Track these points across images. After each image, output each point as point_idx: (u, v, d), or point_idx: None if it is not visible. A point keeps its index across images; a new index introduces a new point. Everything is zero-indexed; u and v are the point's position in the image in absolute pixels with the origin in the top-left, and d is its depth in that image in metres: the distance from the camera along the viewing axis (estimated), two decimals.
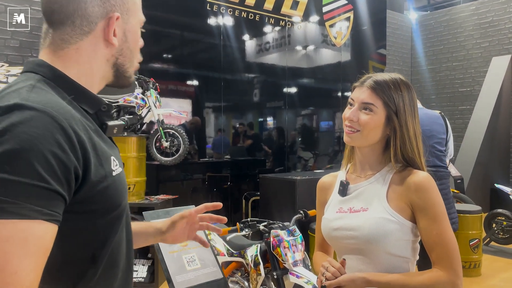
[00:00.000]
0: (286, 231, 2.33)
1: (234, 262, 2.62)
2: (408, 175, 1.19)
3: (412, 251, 1.20)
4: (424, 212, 1.15)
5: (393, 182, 1.21)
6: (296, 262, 2.26)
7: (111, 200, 0.78)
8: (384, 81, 1.20)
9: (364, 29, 7.00)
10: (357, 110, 1.21)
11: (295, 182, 3.65)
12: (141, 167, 3.98)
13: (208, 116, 5.43)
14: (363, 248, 1.18)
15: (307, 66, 6.38)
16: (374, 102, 1.19)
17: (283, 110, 6.11)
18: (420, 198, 1.15)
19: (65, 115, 0.71)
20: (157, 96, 3.92)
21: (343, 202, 1.27)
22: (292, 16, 5.90)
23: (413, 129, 1.21)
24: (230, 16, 5.27)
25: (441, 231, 1.14)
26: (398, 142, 1.20)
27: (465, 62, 8.70)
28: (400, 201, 1.18)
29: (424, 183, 1.16)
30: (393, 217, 1.16)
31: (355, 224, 1.19)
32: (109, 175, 0.78)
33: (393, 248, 1.16)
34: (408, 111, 1.21)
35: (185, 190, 5.14)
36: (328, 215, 1.29)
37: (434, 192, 1.16)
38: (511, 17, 7.96)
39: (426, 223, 1.15)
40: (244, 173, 5.66)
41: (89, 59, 0.82)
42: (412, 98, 1.23)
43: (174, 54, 5.06)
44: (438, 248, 1.14)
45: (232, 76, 5.51)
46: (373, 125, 1.19)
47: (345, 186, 1.27)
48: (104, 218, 0.78)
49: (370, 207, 1.20)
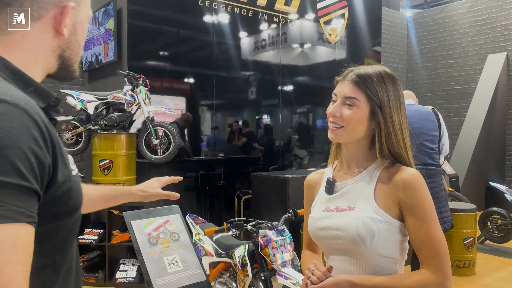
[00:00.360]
0: (275, 231, 2.27)
1: (222, 263, 2.55)
2: (395, 172, 1.15)
3: (400, 251, 1.16)
4: (412, 210, 1.11)
5: (381, 180, 1.16)
6: (285, 262, 2.20)
7: (73, 202, 0.74)
8: (366, 74, 1.16)
9: (360, 26, 6.94)
10: (340, 105, 1.17)
11: (286, 181, 3.59)
12: (131, 165, 3.91)
13: (202, 114, 5.36)
14: (349, 248, 1.14)
15: (302, 64, 6.31)
16: (357, 96, 1.15)
17: (278, 108, 6.05)
18: (407, 196, 1.11)
19: (34, 108, 0.66)
20: (146, 93, 3.86)
21: (329, 201, 1.23)
22: (286, 13, 5.83)
23: (399, 123, 1.16)
24: (223, 12, 5.19)
25: (429, 230, 1.10)
26: (383, 136, 1.15)
27: (461, 59, 8.66)
28: (387, 199, 1.14)
29: (412, 180, 1.11)
30: (380, 216, 1.12)
31: (342, 224, 1.15)
32: (71, 175, 0.74)
33: (381, 248, 1.12)
34: (393, 104, 1.16)
35: (177, 188, 5.05)
36: (314, 214, 1.25)
37: (423, 189, 1.12)
38: (506, 14, 7.92)
39: (413, 222, 1.10)
40: (237, 171, 5.59)
41: (35, 48, 0.76)
42: (398, 90, 1.19)
43: (168, 51, 4.99)
44: (426, 248, 1.10)
45: (227, 73, 5.44)
46: (357, 120, 1.15)
47: (331, 184, 1.23)
48: (67, 222, 0.74)
49: (356, 206, 1.16)
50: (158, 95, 4.75)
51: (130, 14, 4.40)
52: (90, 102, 3.89)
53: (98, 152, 3.84)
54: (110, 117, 3.83)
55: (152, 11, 4.64)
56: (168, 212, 1.78)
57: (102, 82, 4.87)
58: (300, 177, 3.72)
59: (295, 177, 3.65)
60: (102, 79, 4.89)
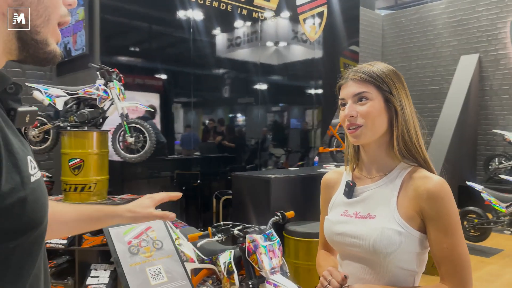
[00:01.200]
0: (263, 235, 2.13)
1: (205, 269, 2.39)
2: (420, 179, 1.07)
3: (419, 263, 1.08)
4: (435, 222, 1.03)
5: (404, 187, 1.08)
6: (274, 269, 2.07)
7: (30, 216, 0.56)
8: (367, 68, 1.13)
9: (338, 25, 6.89)
10: (353, 104, 1.10)
11: (269, 181, 3.46)
12: (103, 165, 3.68)
13: (177, 112, 5.17)
14: (367, 258, 1.08)
15: (279, 62, 6.20)
16: (367, 89, 1.09)
17: (254, 107, 5.92)
18: (432, 207, 1.03)
19: None
20: (121, 88, 3.63)
21: (348, 205, 1.15)
22: (265, 8, 5.70)
23: (409, 110, 1.11)
24: (200, 6, 5.00)
25: (453, 245, 1.02)
26: (400, 122, 1.09)
27: (435, 60, 8.79)
28: (410, 208, 1.05)
29: (437, 190, 1.03)
30: (402, 228, 1.04)
31: (361, 232, 1.08)
32: (27, 182, 0.55)
33: (400, 261, 1.05)
34: (400, 88, 1.11)
35: (152, 188, 4.86)
36: (331, 217, 1.19)
37: (448, 201, 1.03)
38: (479, 16, 8.08)
39: (436, 235, 1.03)
40: (214, 170, 5.43)
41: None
42: (401, 79, 1.14)
43: (141, 46, 4.77)
44: (447, 263, 1.03)
45: (203, 70, 5.26)
46: (375, 112, 1.08)
47: (351, 188, 1.15)
48: (20, 242, 0.55)
49: (377, 215, 1.08)
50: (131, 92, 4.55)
51: (103, 7, 4.16)
52: (59, 97, 3.63)
53: (67, 150, 3.59)
54: (81, 113, 3.59)
55: (125, 5, 4.41)
56: None
57: (72, 76, 4.59)
58: (283, 178, 3.60)
59: (278, 177, 3.52)
60: (72, 72, 4.61)
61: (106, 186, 3.73)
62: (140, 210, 1.13)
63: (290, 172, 3.94)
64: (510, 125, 7.72)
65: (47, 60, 0.63)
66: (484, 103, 8.07)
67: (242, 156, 5.86)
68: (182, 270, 1.51)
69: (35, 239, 0.58)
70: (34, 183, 0.57)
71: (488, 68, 8.00)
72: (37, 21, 0.60)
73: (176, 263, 1.54)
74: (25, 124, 0.62)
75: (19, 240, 0.55)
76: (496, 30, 7.88)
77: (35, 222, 0.57)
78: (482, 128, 8.11)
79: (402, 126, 1.09)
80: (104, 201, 3.63)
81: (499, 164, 7.48)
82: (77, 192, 3.54)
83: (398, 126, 1.09)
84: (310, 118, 6.87)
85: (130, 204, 1.14)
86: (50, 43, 0.63)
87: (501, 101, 7.88)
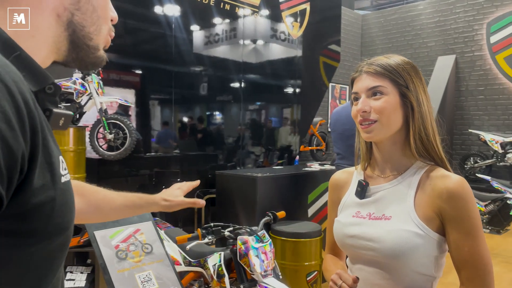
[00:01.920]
0: (255, 236, 2.04)
1: (192, 272, 2.29)
2: (438, 178, 1.00)
3: (437, 268, 1.02)
4: (456, 224, 0.96)
5: (421, 186, 1.01)
6: (266, 272, 1.99)
7: (58, 219, 0.51)
8: (382, 61, 1.06)
9: (319, 23, 6.87)
10: (366, 99, 1.03)
11: (255, 180, 3.37)
12: (80, 162, 3.51)
13: (156, 109, 5.02)
14: (382, 262, 1.01)
15: (261, 59, 6.13)
16: (382, 83, 1.02)
17: (235, 104, 5.83)
18: (453, 208, 0.96)
19: (11, 74, 0.45)
20: (99, 82, 3.47)
21: (360, 206, 1.08)
22: (247, 4, 5.60)
23: (427, 106, 1.05)
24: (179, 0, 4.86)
25: (474, 248, 0.96)
26: (416, 120, 1.02)
27: (412, 60, 8.63)
28: (428, 209, 0.99)
29: (458, 190, 0.97)
30: (421, 230, 0.97)
31: (376, 235, 1.01)
32: (58, 181, 0.51)
33: (418, 265, 0.98)
34: (418, 84, 1.05)
35: (130, 187, 4.70)
36: (342, 218, 1.11)
37: (470, 201, 0.97)
38: (456, 18, 8.23)
39: (457, 237, 0.96)
40: (194, 168, 5.31)
41: (31, 8, 0.55)
42: (418, 73, 1.08)
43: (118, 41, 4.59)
44: (469, 268, 0.96)
45: (183, 66, 5.13)
46: (390, 108, 1.01)
47: (363, 187, 1.08)
48: (43, 247, 0.50)
49: (394, 216, 1.01)
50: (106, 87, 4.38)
51: None
52: None
53: None
54: None
55: None
56: (139, 219, 1.49)
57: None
58: (269, 176, 3.52)
59: (264, 176, 3.44)
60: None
61: None
62: (173, 198, 1.21)
63: (275, 171, 3.86)
64: (485, 125, 7.90)
65: (94, 64, 0.67)
66: (460, 103, 8.23)
67: (222, 154, 5.76)
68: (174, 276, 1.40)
69: (58, 246, 0.53)
70: (64, 184, 0.53)
71: (464, 69, 8.17)
72: (91, 28, 0.63)
73: (167, 268, 1.43)
74: (58, 127, 0.61)
75: (42, 244, 0.50)
76: (473, 31, 8.04)
77: (62, 226, 0.53)
78: (458, 128, 8.28)
79: (418, 123, 1.03)
80: None
81: (474, 163, 7.64)
82: None
83: (415, 123, 1.02)
84: (290, 116, 6.83)
85: (163, 193, 1.24)
86: (100, 48, 0.67)
87: (477, 101, 8.05)
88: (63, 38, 0.61)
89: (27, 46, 0.55)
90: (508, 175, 7.25)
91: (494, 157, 7.27)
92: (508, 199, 4.64)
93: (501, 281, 4.01)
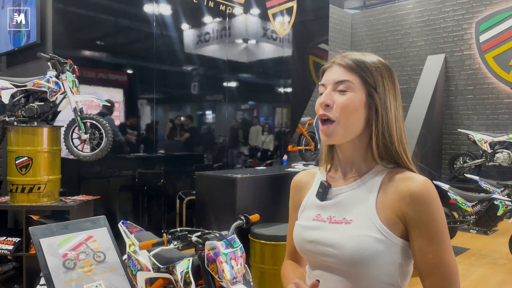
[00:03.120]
0: (224, 241, 1.95)
1: (161, 279, 2.19)
2: (402, 180, 0.93)
3: (402, 276, 0.94)
4: (420, 229, 0.89)
5: (384, 189, 0.94)
6: (235, 278, 1.89)
7: None
8: (357, 55, 0.99)
9: (307, 22, 6.80)
10: (331, 92, 0.96)
11: (235, 181, 3.27)
12: (55, 163, 3.39)
13: (141, 108, 4.91)
14: (343, 269, 0.93)
15: (248, 59, 6.04)
16: (351, 78, 0.95)
17: (223, 104, 5.73)
18: (416, 211, 0.89)
19: None
20: (74, 80, 3.35)
21: (321, 208, 1.01)
22: (233, 2, 5.51)
23: (394, 113, 0.97)
24: None
25: (439, 255, 0.89)
26: (380, 124, 0.95)
27: (402, 59, 8.86)
28: (391, 213, 0.91)
29: (422, 192, 0.89)
30: (383, 235, 0.90)
31: (335, 240, 0.93)
32: None
33: (380, 273, 0.90)
34: (389, 87, 0.97)
35: (111, 188, 4.59)
36: (302, 222, 1.04)
37: (435, 204, 0.90)
38: (445, 17, 8.19)
39: (420, 243, 0.89)
40: (179, 169, 5.21)
41: None
42: (392, 77, 0.99)
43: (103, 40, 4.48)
44: (433, 276, 0.89)
45: (169, 66, 5.03)
46: (353, 106, 0.93)
47: (325, 189, 1.01)
48: None
49: (354, 220, 0.94)
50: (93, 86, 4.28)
51: None
52: (4, 90, 3.33)
53: (14, 148, 3.28)
54: (30, 107, 3.29)
55: None
56: (92, 226, 1.39)
57: (23, 67, 4.25)
58: (249, 177, 3.42)
59: (244, 177, 3.34)
60: (23, 64, 4.27)
61: (58, 186, 3.45)
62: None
63: (257, 172, 3.77)
64: (474, 125, 7.87)
65: None
66: (449, 102, 8.19)
67: (209, 155, 5.66)
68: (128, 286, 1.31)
69: None
70: None
71: (454, 68, 8.13)
72: None
73: (121, 278, 1.33)
74: None
75: None
76: (462, 31, 8.01)
77: None
78: (447, 127, 8.24)
79: (382, 128, 0.95)
80: (56, 202, 3.35)
81: (464, 163, 7.60)
82: (24, 193, 3.25)
83: (378, 127, 0.95)
84: (279, 116, 6.75)
85: None
86: None
87: (466, 101, 8.01)
88: None
89: None
90: (497, 175, 7.22)
91: (483, 157, 7.24)
92: (495, 200, 4.59)
93: (489, 282, 3.96)
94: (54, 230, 1.32)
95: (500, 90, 7.63)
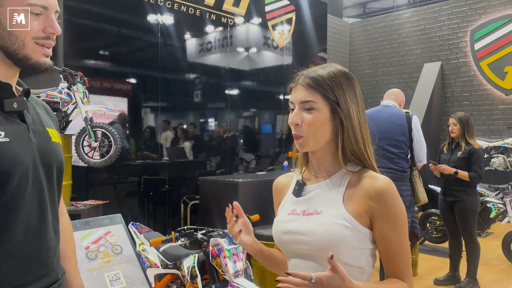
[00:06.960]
0: (227, 239, 2.13)
1: (169, 275, 2.37)
2: (366, 178, 1.09)
3: (368, 260, 1.10)
4: (385, 220, 1.05)
5: (351, 185, 1.10)
6: (238, 273, 2.07)
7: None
8: (317, 74, 1.11)
9: (306, 31, 7.01)
10: (299, 111, 1.10)
11: (236, 185, 3.46)
12: (66, 170, 3.58)
13: (146, 116, 5.11)
14: (314, 255, 1.08)
15: (249, 67, 6.24)
16: (313, 98, 1.09)
17: (225, 112, 5.92)
18: (380, 205, 1.05)
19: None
20: (85, 91, 3.55)
21: (296, 203, 1.16)
22: (234, 14, 5.73)
23: (357, 118, 1.11)
24: (169, 10, 4.98)
25: (402, 242, 1.06)
26: (345, 133, 1.09)
27: (399, 67, 9.06)
28: (358, 206, 1.07)
29: (385, 188, 1.06)
30: (348, 223, 1.05)
31: (307, 228, 1.08)
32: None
33: (348, 257, 1.05)
34: (350, 98, 1.11)
35: (118, 194, 4.77)
36: (280, 217, 1.19)
37: (396, 199, 1.06)
38: (441, 25, 8.40)
39: (386, 232, 1.05)
40: (183, 175, 5.39)
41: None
42: (352, 85, 1.13)
43: (109, 50, 4.70)
44: (399, 260, 1.06)
45: (172, 75, 5.24)
46: (319, 122, 1.08)
47: (300, 186, 1.17)
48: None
49: (324, 211, 1.09)
50: (99, 96, 4.48)
51: (68, 9, 4.09)
52: None
53: None
54: None
55: (92, 8, 4.34)
56: (110, 222, 1.58)
57: (35, 79, 4.45)
58: (250, 182, 3.61)
59: (245, 182, 3.53)
60: (34, 75, 4.48)
61: (69, 192, 3.64)
62: None
63: (258, 176, 3.95)
64: None
65: (34, 69, 0.91)
66: (445, 109, 8.37)
67: (212, 161, 5.84)
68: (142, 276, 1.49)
69: (9, 197, 0.78)
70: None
71: (450, 75, 8.32)
72: (13, 46, 0.88)
73: (136, 268, 1.51)
74: (14, 108, 0.90)
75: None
76: (457, 39, 8.21)
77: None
78: (444, 133, 8.40)
79: (348, 135, 1.09)
80: (67, 207, 3.54)
81: None
82: None
83: (344, 136, 1.10)
84: (280, 123, 6.93)
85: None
86: (31, 57, 0.90)
87: (462, 107, 8.19)
88: (3, 57, 0.89)
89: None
90: (493, 179, 7.37)
91: None
92: (488, 203, 4.75)
93: (481, 282, 4.10)
94: (78, 226, 1.51)
95: (495, 96, 7.81)
